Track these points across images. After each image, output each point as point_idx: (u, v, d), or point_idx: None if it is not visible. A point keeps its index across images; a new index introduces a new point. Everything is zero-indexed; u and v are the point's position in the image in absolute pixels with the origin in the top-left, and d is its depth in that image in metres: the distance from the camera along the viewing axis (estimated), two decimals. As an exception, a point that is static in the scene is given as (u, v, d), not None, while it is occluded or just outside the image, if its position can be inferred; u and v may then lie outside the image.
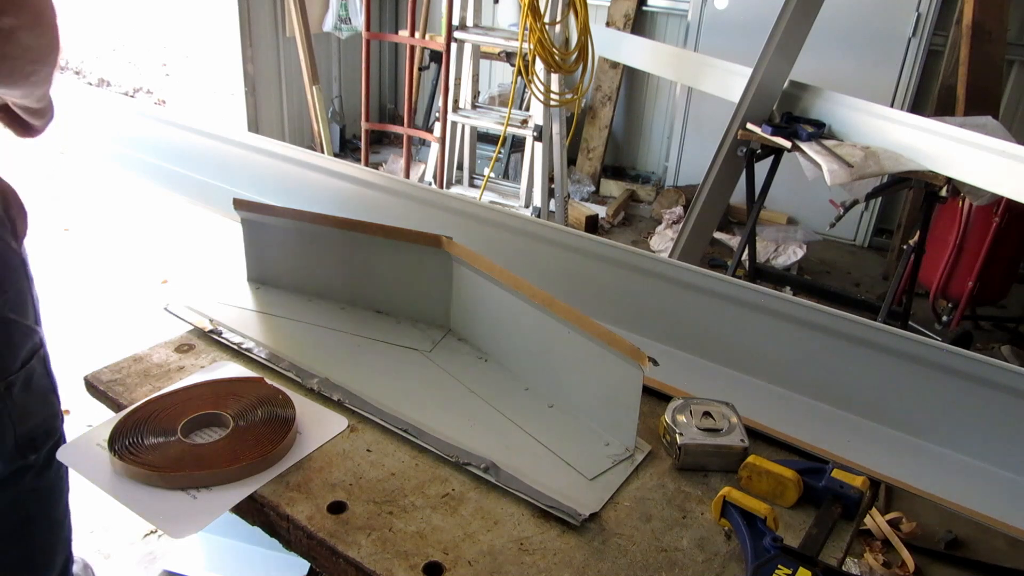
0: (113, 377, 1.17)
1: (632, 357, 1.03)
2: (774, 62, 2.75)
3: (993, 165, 2.33)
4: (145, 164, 2.00)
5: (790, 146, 2.62)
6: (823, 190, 2.81)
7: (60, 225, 3.75)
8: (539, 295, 1.14)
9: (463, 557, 0.89)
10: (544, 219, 2.14)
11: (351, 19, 4.84)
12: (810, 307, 1.26)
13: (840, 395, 1.24)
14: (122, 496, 0.94)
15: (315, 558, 0.92)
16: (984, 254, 3.12)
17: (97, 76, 5.82)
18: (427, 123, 4.59)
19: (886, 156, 2.49)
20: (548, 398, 1.20)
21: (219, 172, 1.89)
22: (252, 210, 1.39)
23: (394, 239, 1.32)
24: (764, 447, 1.13)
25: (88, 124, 2.16)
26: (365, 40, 3.32)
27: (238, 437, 1.02)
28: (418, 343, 1.32)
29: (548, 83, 3.13)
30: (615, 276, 1.40)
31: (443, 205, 1.56)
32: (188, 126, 1.94)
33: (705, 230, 3.01)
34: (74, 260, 3.43)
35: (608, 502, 1.00)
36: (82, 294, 3.14)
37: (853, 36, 4.00)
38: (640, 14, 4.69)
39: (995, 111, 3.24)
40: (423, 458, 1.05)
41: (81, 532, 1.99)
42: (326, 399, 1.15)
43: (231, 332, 1.29)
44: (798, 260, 3.93)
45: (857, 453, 1.13)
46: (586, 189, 4.79)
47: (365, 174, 1.66)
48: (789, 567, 0.84)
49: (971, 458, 1.16)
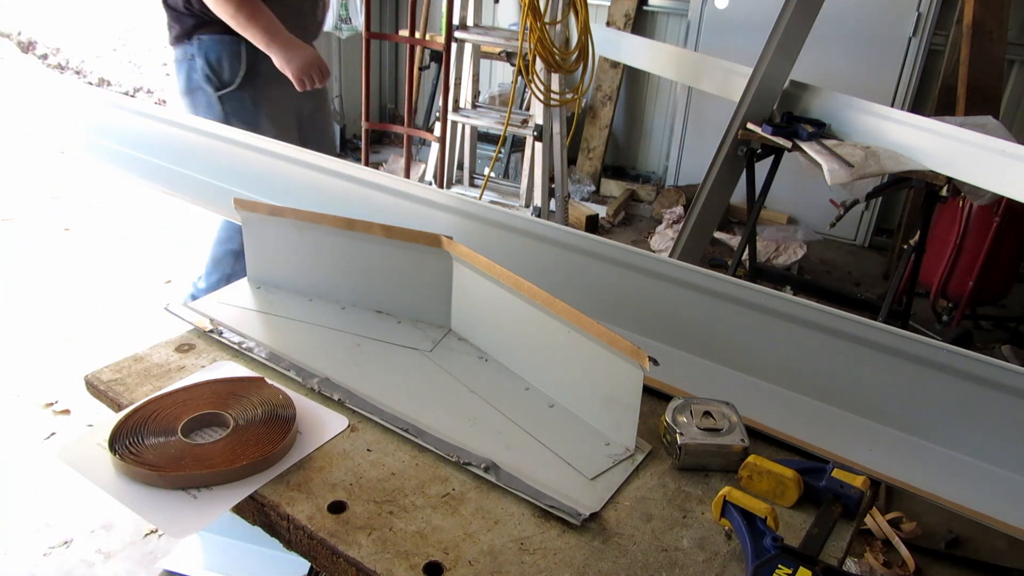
0: (113, 377, 1.17)
1: (632, 357, 1.03)
2: (774, 62, 2.75)
3: (993, 165, 2.33)
4: (145, 164, 2.00)
5: (790, 146, 2.62)
6: (823, 190, 2.81)
7: (60, 225, 3.75)
8: (539, 295, 1.14)
9: (463, 557, 0.89)
10: (544, 219, 2.14)
11: (351, 19, 4.83)
12: (810, 307, 1.26)
13: (840, 395, 1.24)
14: (122, 496, 0.94)
15: (315, 558, 0.92)
16: (984, 254, 3.12)
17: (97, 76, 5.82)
18: (427, 123, 4.59)
19: (886, 156, 2.49)
20: (548, 398, 1.20)
21: (219, 172, 1.89)
22: (252, 210, 1.40)
23: (394, 239, 1.32)
24: (764, 447, 1.13)
25: (88, 124, 2.16)
26: (365, 40, 3.32)
27: (238, 437, 1.02)
28: (418, 343, 1.32)
29: (548, 83, 3.13)
30: (615, 276, 1.40)
31: (443, 205, 1.56)
32: (188, 126, 1.93)
33: (705, 230, 3.01)
34: (74, 260, 3.43)
35: (608, 502, 1.00)
36: (82, 294, 3.14)
37: (853, 36, 4.00)
38: (640, 14, 4.69)
39: (995, 111, 3.24)
40: (423, 458, 1.05)
41: (81, 532, 1.99)
42: (326, 399, 1.15)
43: (231, 332, 1.29)
44: (798, 260, 3.93)
45: (857, 453, 1.13)
46: (586, 189, 4.79)
47: (365, 174, 1.66)
48: (789, 567, 0.84)
49: (971, 458, 1.16)
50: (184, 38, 2.14)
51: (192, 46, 2.12)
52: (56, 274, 3.29)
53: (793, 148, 2.62)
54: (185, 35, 2.13)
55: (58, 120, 2.32)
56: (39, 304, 3.05)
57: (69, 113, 2.27)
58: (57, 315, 2.98)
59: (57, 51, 5.93)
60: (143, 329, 2.87)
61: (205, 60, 2.13)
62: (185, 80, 2.18)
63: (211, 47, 2.13)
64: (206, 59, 2.13)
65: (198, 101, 2.19)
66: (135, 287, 3.22)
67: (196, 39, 2.12)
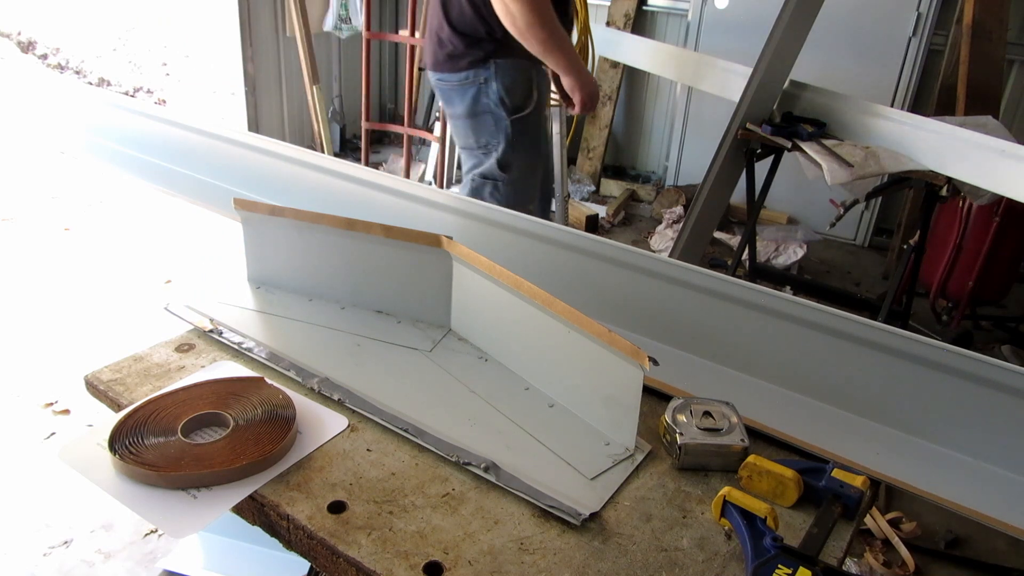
0: (113, 377, 1.17)
1: (632, 357, 1.03)
2: (774, 62, 2.75)
3: (993, 165, 2.33)
4: (145, 164, 2.00)
5: (790, 146, 2.62)
6: (823, 190, 2.81)
7: (60, 225, 3.75)
8: (539, 295, 1.14)
9: (463, 557, 0.89)
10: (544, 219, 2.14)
11: (351, 19, 4.83)
12: (810, 307, 1.26)
13: (840, 395, 1.24)
14: (122, 496, 0.94)
15: (315, 558, 0.92)
16: (984, 254, 3.12)
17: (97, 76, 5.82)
18: (427, 123, 4.59)
19: (886, 156, 2.49)
20: (548, 398, 1.20)
21: (219, 172, 1.89)
22: (252, 210, 1.40)
23: (394, 239, 1.32)
24: (764, 447, 1.13)
25: (88, 124, 2.16)
26: (365, 40, 3.32)
27: (238, 437, 1.02)
28: (418, 343, 1.32)
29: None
30: (615, 276, 1.40)
31: (443, 205, 1.56)
32: (188, 126, 1.94)
33: (705, 230, 3.01)
34: (74, 260, 3.43)
35: (608, 502, 1.00)
36: (82, 294, 3.14)
37: (853, 36, 4.00)
38: (640, 14, 4.69)
39: (995, 111, 3.24)
40: (423, 458, 1.05)
41: (81, 532, 1.99)
42: (326, 399, 1.15)
43: (231, 332, 1.29)
44: (798, 260, 3.93)
45: (857, 453, 1.13)
46: (586, 189, 4.79)
47: (365, 174, 1.66)
48: (789, 567, 0.84)
49: (971, 458, 1.16)
50: (479, 63, 2.16)
51: (488, 70, 2.16)
52: (56, 274, 3.29)
53: (793, 148, 2.62)
54: (481, 60, 2.16)
55: (58, 120, 2.32)
56: (39, 304, 3.05)
57: (69, 113, 2.27)
58: (57, 315, 2.98)
59: (57, 51, 5.93)
60: (143, 329, 2.87)
61: (501, 84, 2.16)
62: (471, 103, 2.22)
63: (506, 72, 2.16)
64: (501, 83, 2.16)
65: (483, 123, 2.24)
66: (135, 287, 3.22)
67: (492, 63, 2.15)
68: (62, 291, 3.15)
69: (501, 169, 2.26)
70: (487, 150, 2.26)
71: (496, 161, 2.25)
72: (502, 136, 2.22)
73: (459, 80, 2.22)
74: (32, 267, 3.34)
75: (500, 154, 2.24)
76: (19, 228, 3.69)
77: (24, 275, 3.26)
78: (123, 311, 3.02)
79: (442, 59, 2.23)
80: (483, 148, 2.27)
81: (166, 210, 3.90)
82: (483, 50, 2.14)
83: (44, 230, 3.69)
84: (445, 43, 2.20)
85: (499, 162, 2.25)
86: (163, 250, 3.57)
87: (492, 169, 2.27)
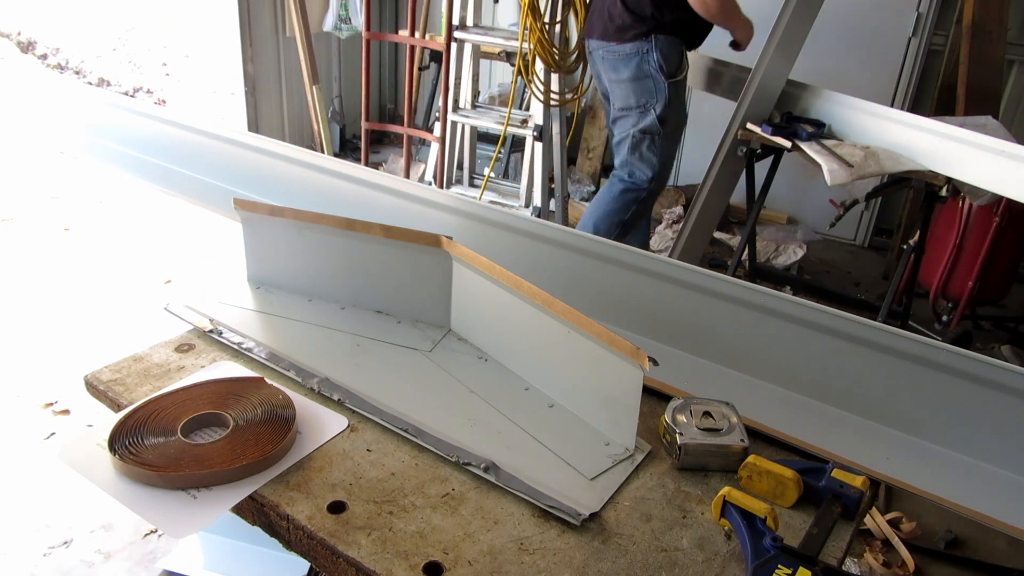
0: (113, 377, 1.17)
1: (632, 357, 1.03)
2: (774, 62, 2.75)
3: (993, 165, 2.33)
4: (145, 164, 2.00)
5: (790, 146, 2.62)
6: (823, 190, 2.81)
7: (60, 225, 3.75)
8: (539, 295, 1.14)
9: (463, 557, 0.89)
10: (544, 219, 2.15)
11: (351, 19, 4.83)
12: (810, 307, 1.26)
13: (840, 395, 1.24)
14: (122, 496, 0.94)
15: (315, 558, 0.92)
16: (984, 254, 3.12)
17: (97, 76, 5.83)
18: (427, 123, 4.59)
19: (886, 156, 2.49)
20: (548, 398, 1.20)
21: (219, 172, 1.89)
22: (252, 210, 1.40)
23: (394, 239, 1.32)
24: (764, 447, 1.13)
25: (88, 124, 2.16)
26: (365, 40, 3.32)
27: (238, 437, 1.02)
28: (418, 343, 1.32)
29: (548, 83, 3.13)
30: (615, 276, 1.41)
31: (443, 205, 1.56)
32: (188, 126, 1.94)
33: (705, 230, 3.01)
34: (74, 260, 3.43)
35: (608, 502, 1.00)
36: (82, 294, 3.14)
37: (853, 36, 4.00)
38: (640, 14, 4.68)
39: (995, 111, 3.24)
40: (423, 458, 1.05)
41: (81, 532, 1.99)
42: (326, 399, 1.15)
43: (231, 332, 1.29)
44: (798, 260, 3.93)
45: (857, 453, 1.13)
46: (586, 189, 4.78)
47: (365, 174, 1.66)
48: (789, 567, 0.84)
49: (971, 458, 1.16)
50: (642, 36, 2.68)
51: (649, 43, 2.68)
52: (56, 274, 3.29)
53: (793, 148, 2.62)
54: (644, 34, 2.68)
55: (58, 120, 2.32)
56: (39, 304, 3.05)
57: (69, 113, 2.27)
58: (57, 315, 2.98)
59: (57, 51, 5.93)
60: (143, 329, 2.87)
61: (660, 54, 2.68)
62: (636, 69, 2.73)
63: (664, 45, 2.69)
64: (661, 53, 2.68)
65: (645, 86, 2.74)
66: (135, 287, 3.22)
67: (653, 37, 2.67)
68: (62, 291, 3.15)
69: (660, 123, 2.75)
70: (645, 109, 2.75)
71: (656, 117, 2.74)
72: (661, 96, 2.73)
73: (626, 51, 2.72)
74: (32, 267, 3.34)
75: (660, 111, 2.74)
76: (19, 228, 3.69)
77: (24, 275, 3.26)
78: (123, 311, 3.02)
79: (612, 31, 2.73)
80: (642, 107, 2.76)
81: (166, 210, 3.90)
82: (647, 25, 2.66)
83: (44, 230, 3.69)
84: (616, 17, 2.71)
85: (659, 117, 2.74)
86: (163, 250, 3.57)
87: (652, 124, 2.76)
